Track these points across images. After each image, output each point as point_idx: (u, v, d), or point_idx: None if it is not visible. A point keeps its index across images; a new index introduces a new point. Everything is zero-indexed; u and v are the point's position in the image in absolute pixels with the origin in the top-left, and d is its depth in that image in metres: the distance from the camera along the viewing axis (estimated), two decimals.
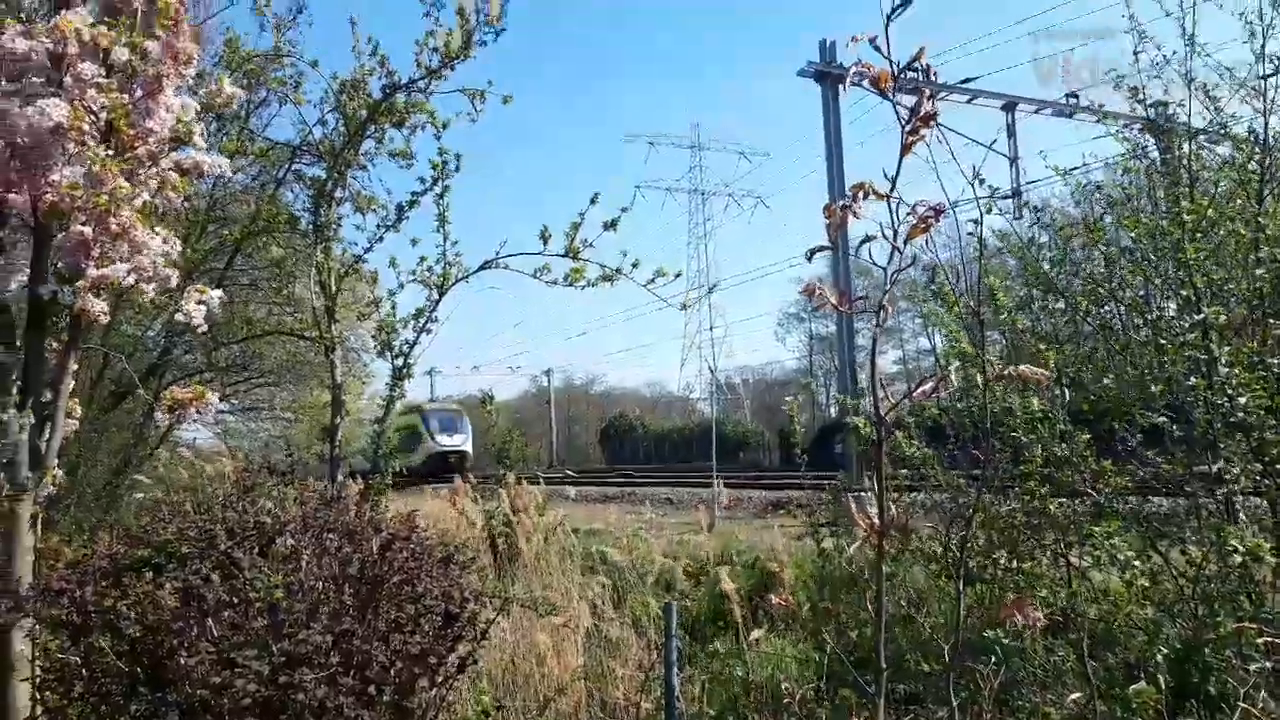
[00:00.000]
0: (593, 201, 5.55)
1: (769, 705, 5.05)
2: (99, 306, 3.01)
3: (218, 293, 3.42)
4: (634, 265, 5.54)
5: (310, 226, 6.26)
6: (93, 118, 2.87)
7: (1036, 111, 23.30)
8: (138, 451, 8.99)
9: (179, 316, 3.40)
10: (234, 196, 9.12)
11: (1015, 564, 4.68)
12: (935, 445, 5.32)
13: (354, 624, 3.26)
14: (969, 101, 21.95)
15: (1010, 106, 23.01)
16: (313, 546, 3.60)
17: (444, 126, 5.84)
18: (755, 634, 5.85)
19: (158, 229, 3.10)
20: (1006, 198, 17.85)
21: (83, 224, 2.90)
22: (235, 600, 3.19)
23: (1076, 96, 20.46)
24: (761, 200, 72.52)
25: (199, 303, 3.36)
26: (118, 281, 2.98)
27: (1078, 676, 3.90)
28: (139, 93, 3.09)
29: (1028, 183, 21.16)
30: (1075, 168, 6.57)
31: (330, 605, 3.30)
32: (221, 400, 12.53)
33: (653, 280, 5.55)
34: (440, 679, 3.63)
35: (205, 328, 3.39)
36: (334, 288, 5.96)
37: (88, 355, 6.77)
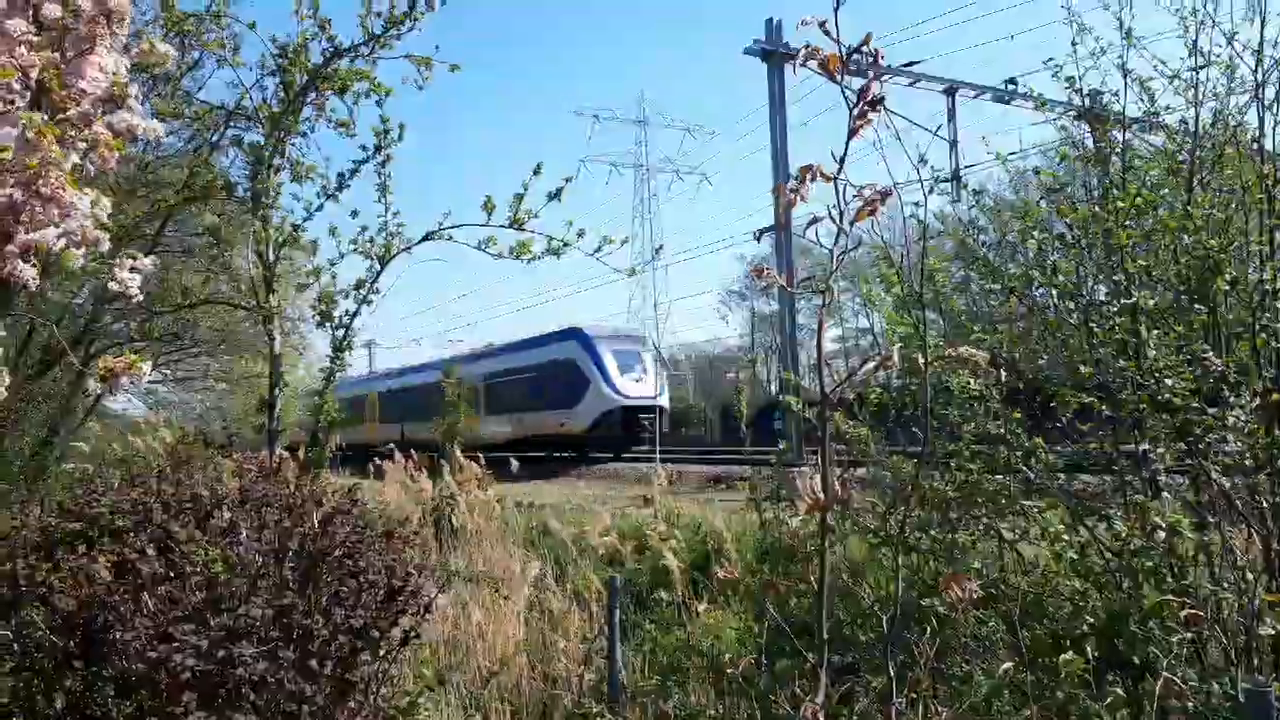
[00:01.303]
0: (536, 172, 5.48)
1: (708, 673, 5.13)
2: (29, 272, 2.91)
3: (150, 259, 3.32)
4: (580, 234, 5.49)
5: (248, 194, 6.09)
6: (22, 76, 2.76)
7: (976, 96, 23.73)
8: (66, 422, 8.74)
9: (112, 285, 3.28)
10: (166, 160, 8.85)
11: (949, 536, 4.81)
12: (876, 423, 5.42)
13: (295, 598, 3.23)
14: (911, 84, 22.25)
15: (951, 91, 23.39)
16: (251, 520, 3.55)
17: (387, 94, 5.70)
18: (700, 607, 5.93)
19: (86, 190, 3.00)
20: (946, 180, 18.10)
21: (11, 187, 2.80)
22: (172, 574, 3.14)
23: (1015, 83, 20.75)
24: (706, 177, 72.51)
25: (132, 269, 3.26)
26: (46, 246, 2.89)
27: (1007, 646, 4.02)
28: (70, 52, 2.97)
29: (966, 166, 21.53)
30: (1013, 153, 6.70)
31: (270, 579, 3.27)
32: (153, 370, 12.24)
33: (599, 249, 5.52)
34: (383, 652, 3.62)
35: (140, 296, 3.29)
36: (272, 257, 5.81)
37: (14, 322, 6.54)
